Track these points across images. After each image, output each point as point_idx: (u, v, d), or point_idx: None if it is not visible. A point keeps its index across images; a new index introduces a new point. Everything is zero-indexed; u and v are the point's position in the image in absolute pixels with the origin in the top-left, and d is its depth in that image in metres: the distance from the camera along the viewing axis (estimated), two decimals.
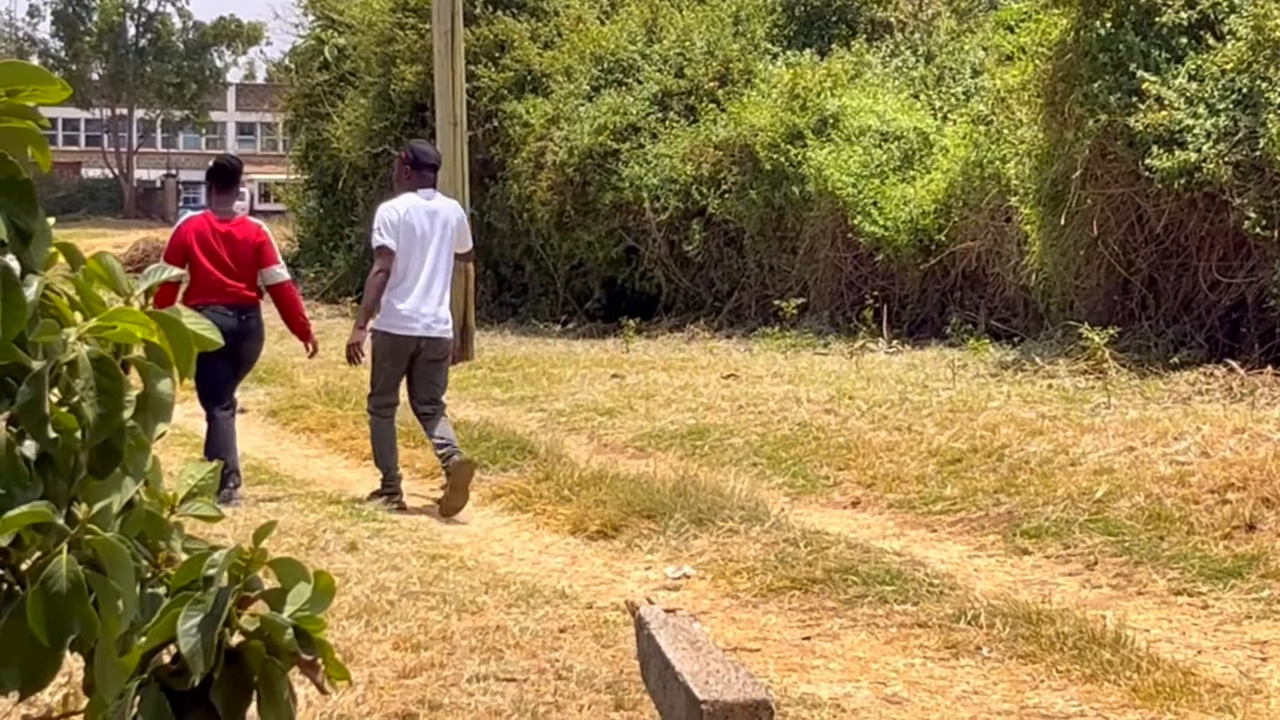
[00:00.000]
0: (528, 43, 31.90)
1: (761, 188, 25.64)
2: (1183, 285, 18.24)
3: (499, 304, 32.00)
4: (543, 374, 20.25)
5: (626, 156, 28.12)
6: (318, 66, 39.31)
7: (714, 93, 28.26)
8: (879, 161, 24.29)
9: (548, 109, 30.23)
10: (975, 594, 10.04)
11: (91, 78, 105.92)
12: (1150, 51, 18.01)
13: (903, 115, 25.04)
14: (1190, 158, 17.13)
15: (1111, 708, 8.10)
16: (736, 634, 9.59)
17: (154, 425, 3.24)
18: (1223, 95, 17.38)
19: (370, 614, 9.41)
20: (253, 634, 3.31)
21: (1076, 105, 18.39)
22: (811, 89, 26.05)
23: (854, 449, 14.25)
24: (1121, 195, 18.11)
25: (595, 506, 12.52)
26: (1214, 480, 11.75)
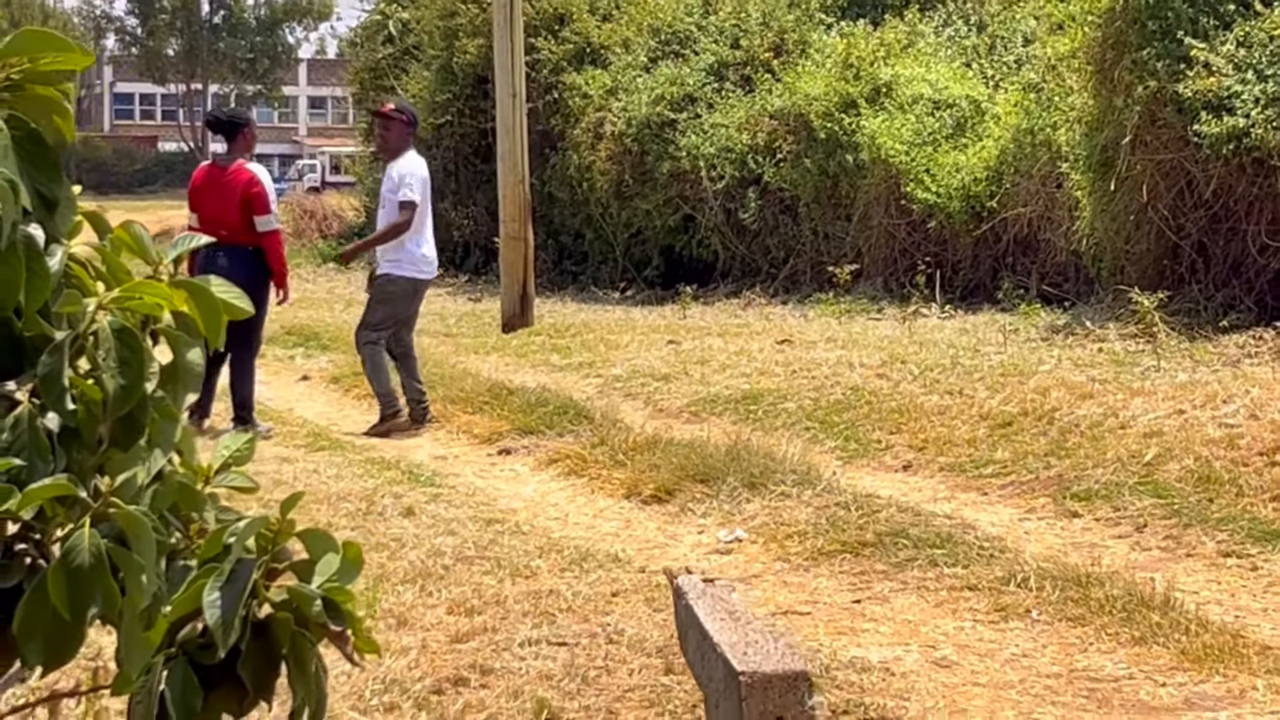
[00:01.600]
0: (586, 15, 31.84)
1: (816, 156, 25.53)
2: (1232, 250, 18.08)
3: (560, 272, 31.99)
4: (600, 340, 20.12)
5: (684, 126, 28.06)
6: (382, 40, 39.36)
7: (769, 63, 28.15)
8: (931, 129, 24.17)
9: (606, 80, 30.17)
10: (1025, 557, 9.91)
11: (167, 54, 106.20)
12: (1198, 18, 17.84)
13: (955, 84, 24.90)
14: (1239, 123, 16.98)
15: (1160, 670, 7.96)
16: (787, 597, 9.47)
17: (183, 396, 3.15)
18: (1271, 61, 17.23)
19: (425, 579, 9.30)
20: (280, 605, 3.19)
21: (1126, 72, 18.22)
22: (865, 58, 25.94)
23: (905, 413, 14.11)
24: (1171, 161, 17.94)
25: (649, 471, 12.39)
26: (1263, 442, 11.61)
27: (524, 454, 13.96)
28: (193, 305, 3.10)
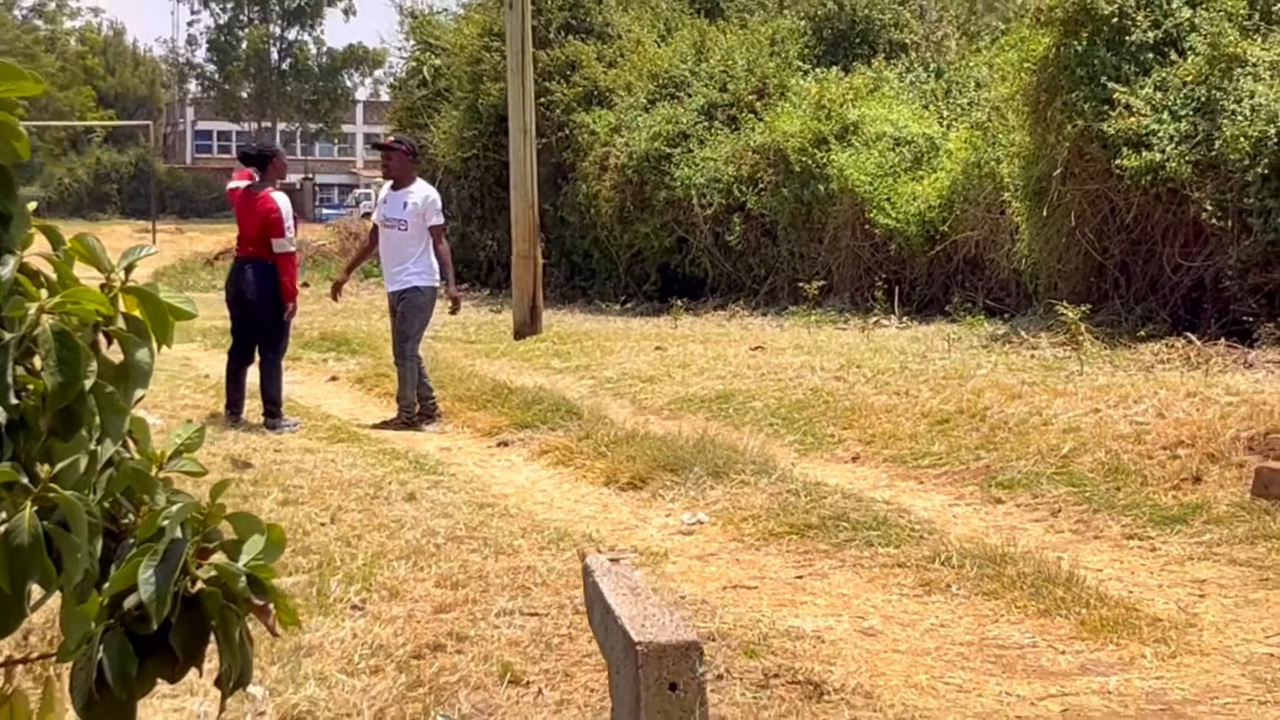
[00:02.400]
0: (594, 63, 31.79)
1: (792, 186, 25.51)
2: (1149, 269, 18.11)
3: (570, 286, 31.94)
4: (597, 347, 20.05)
5: (678, 159, 28.04)
6: (417, 84, 39.35)
7: (752, 104, 28.13)
8: (892, 163, 24.19)
9: (611, 119, 30.14)
10: (950, 538, 9.87)
11: (241, 96, 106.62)
12: (1121, 65, 17.90)
13: (914, 123, 24.89)
14: (1155, 158, 17.02)
15: (1061, 639, 7.92)
16: (738, 573, 9.42)
17: (133, 391, 3.09)
18: (1184, 103, 17.24)
19: (418, 555, 9.22)
20: (209, 582, 3.10)
21: (1057, 113, 18.27)
22: (836, 100, 25.93)
23: (857, 411, 14.04)
24: (1096, 191, 17.97)
25: (626, 461, 12.34)
26: (1167, 438, 11.55)
27: (519, 446, 13.89)
28: (143, 309, 3.08)
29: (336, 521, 10.18)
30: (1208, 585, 9.01)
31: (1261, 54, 17.11)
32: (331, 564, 8.97)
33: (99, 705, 3.00)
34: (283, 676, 7.10)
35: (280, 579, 8.70)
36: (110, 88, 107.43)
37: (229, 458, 12.16)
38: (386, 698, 6.77)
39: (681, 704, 3.86)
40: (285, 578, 8.75)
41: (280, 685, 6.97)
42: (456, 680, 6.88)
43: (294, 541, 9.58)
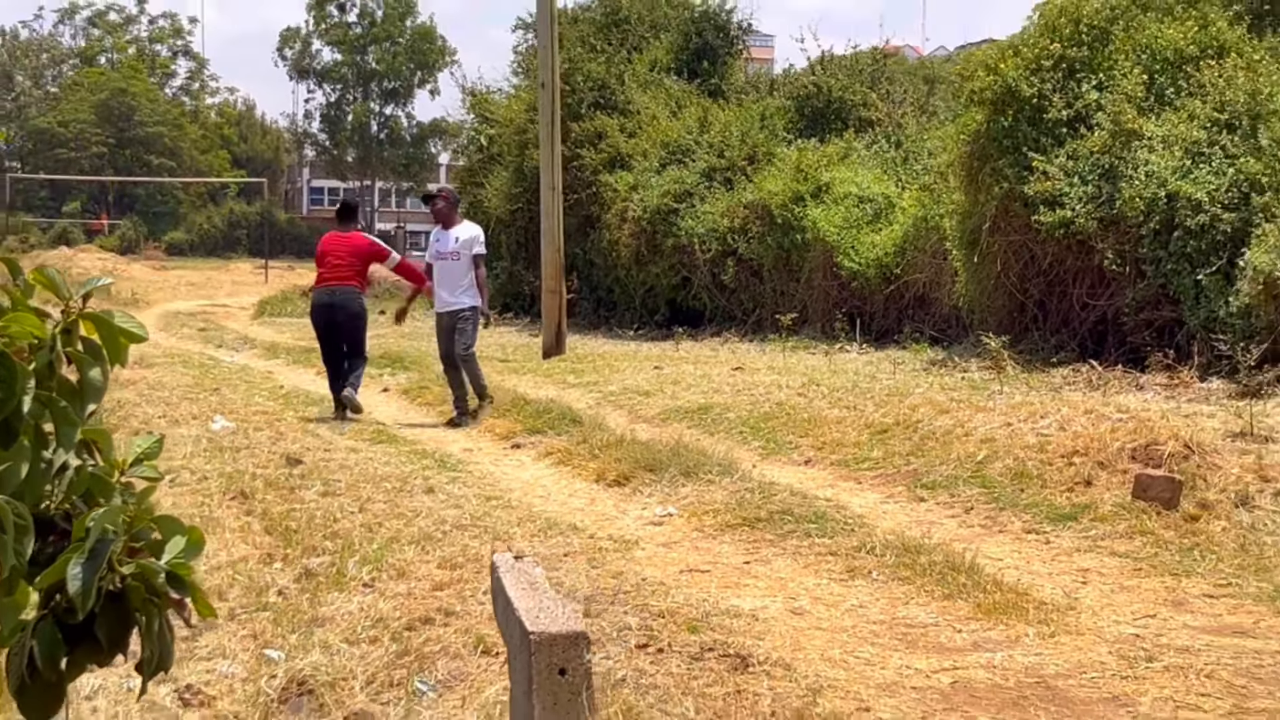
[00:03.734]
0: (617, 133, 31.60)
1: (775, 235, 25.30)
2: (1062, 306, 17.90)
3: (596, 316, 31.78)
4: (607, 366, 19.78)
5: (683, 213, 27.85)
6: (475, 150, 39.41)
7: (744, 169, 27.89)
8: (856, 217, 23.98)
9: (630, 179, 29.94)
10: (877, 531, 9.63)
11: (347, 159, 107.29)
12: (1039, 138, 17.75)
13: (874, 185, 24.66)
14: (1067, 215, 16.86)
15: (959, 619, 7.66)
16: (696, 559, 9.14)
17: (87, 405, 2.91)
18: (1090, 170, 17.06)
19: (427, 541, 8.94)
20: (133, 577, 2.88)
21: (987, 177, 18.08)
22: (811, 165, 25.71)
23: (813, 422, 13.74)
24: (1019, 242, 17.77)
25: (614, 462, 12.07)
26: (1065, 448, 11.27)
27: (529, 448, 13.61)
28: (99, 333, 2.91)
29: (363, 511, 9.91)
30: (1090, 574, 8.76)
31: (1155, 130, 16.90)
32: (351, 547, 8.69)
33: (31, 689, 2.85)
34: (296, 644, 6.85)
35: (307, 560, 8.49)
36: (242, 152, 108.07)
37: (285, 456, 11.89)
38: (378, 664, 6.52)
39: (570, 686, 3.63)
40: (312, 559, 8.48)
41: (294, 651, 6.73)
42: (439, 650, 6.63)
43: (324, 527, 9.34)
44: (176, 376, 18.07)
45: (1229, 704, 6.29)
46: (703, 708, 5.91)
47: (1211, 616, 7.80)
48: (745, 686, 6.23)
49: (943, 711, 6.16)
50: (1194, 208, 15.74)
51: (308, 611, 7.42)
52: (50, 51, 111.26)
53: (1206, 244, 15.63)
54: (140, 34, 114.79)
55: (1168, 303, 16.15)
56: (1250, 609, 7.92)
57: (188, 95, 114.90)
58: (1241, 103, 16.61)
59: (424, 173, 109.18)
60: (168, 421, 13.63)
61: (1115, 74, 17.87)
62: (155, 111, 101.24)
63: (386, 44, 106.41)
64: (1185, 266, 15.76)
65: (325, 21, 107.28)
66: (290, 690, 6.28)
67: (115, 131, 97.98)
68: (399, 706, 5.94)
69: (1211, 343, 14.67)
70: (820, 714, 5.93)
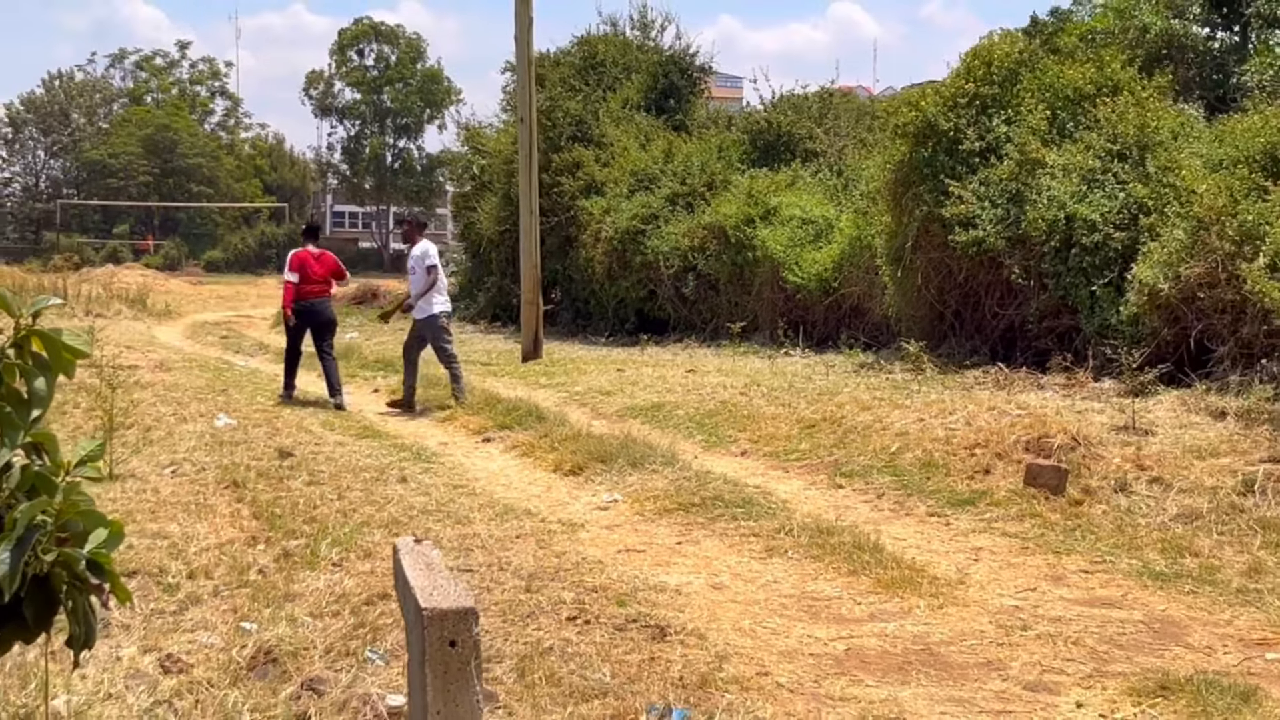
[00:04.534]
0: (592, 163, 31.43)
1: (730, 253, 25.11)
2: (976, 315, 17.76)
3: (575, 325, 31.57)
4: (576, 369, 19.64)
5: (649, 234, 27.65)
6: (469, 178, 39.32)
7: (704, 194, 27.70)
8: (800, 237, 23.78)
9: (603, 204, 29.74)
10: (796, 515, 9.58)
11: (364, 186, 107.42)
12: (955, 166, 17.59)
13: (817, 208, 24.47)
14: (979, 235, 16.69)
15: (860, 593, 7.60)
16: (634, 539, 9.07)
17: (33, 412, 2.93)
18: (1000, 195, 16.92)
19: (394, 525, 8.86)
20: (58, 564, 2.88)
21: (910, 201, 17.94)
22: (762, 191, 25.55)
23: (751, 418, 13.64)
24: (937, 258, 17.62)
25: (570, 454, 11.97)
26: (968, 441, 11.22)
27: (498, 442, 13.47)
28: (46, 349, 2.93)
29: (342, 498, 9.81)
30: (982, 552, 8.71)
31: (1056, 159, 16.81)
32: (326, 530, 8.60)
33: None
34: (268, 617, 6.77)
35: (287, 542, 8.39)
36: (273, 180, 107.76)
37: (278, 449, 11.77)
38: (336, 635, 6.44)
39: (459, 657, 3.57)
40: (291, 541, 8.39)
41: (265, 624, 6.64)
42: (391, 623, 6.53)
43: (305, 513, 9.24)
44: (191, 379, 17.94)
45: (1090, 667, 6.23)
46: (618, 673, 5.84)
47: (1085, 590, 7.74)
48: (660, 654, 6.16)
49: (834, 675, 6.09)
50: (1089, 228, 15.69)
51: (282, 588, 7.33)
52: (102, 92, 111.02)
53: (1100, 260, 15.57)
54: (182, 76, 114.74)
55: (1067, 312, 16.07)
56: (1120, 583, 7.87)
57: (224, 130, 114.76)
58: (1132, 135, 16.57)
59: (433, 198, 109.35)
60: (176, 419, 13.51)
61: (1022, 110, 17.78)
62: (195, 145, 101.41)
63: (400, 85, 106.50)
64: (1082, 280, 15.70)
65: (346, 65, 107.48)
66: (258, 659, 6.20)
67: (160, 162, 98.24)
68: (349, 673, 5.85)
69: (1104, 347, 14.59)
70: (724, 678, 5.85)
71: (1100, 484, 9.86)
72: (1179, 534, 8.74)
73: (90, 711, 5.46)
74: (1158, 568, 8.14)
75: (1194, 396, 12.63)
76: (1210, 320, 13.67)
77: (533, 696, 5.45)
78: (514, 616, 6.66)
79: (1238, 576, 7.88)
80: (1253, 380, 12.48)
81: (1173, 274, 14.05)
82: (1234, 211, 13.63)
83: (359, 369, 19.98)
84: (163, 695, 5.73)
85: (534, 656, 5.95)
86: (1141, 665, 6.25)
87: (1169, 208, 15.03)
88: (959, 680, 6.05)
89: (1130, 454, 10.33)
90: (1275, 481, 9.26)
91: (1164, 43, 23.69)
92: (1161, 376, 13.22)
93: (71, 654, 3.07)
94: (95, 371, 13.36)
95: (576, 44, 36.13)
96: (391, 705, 5.39)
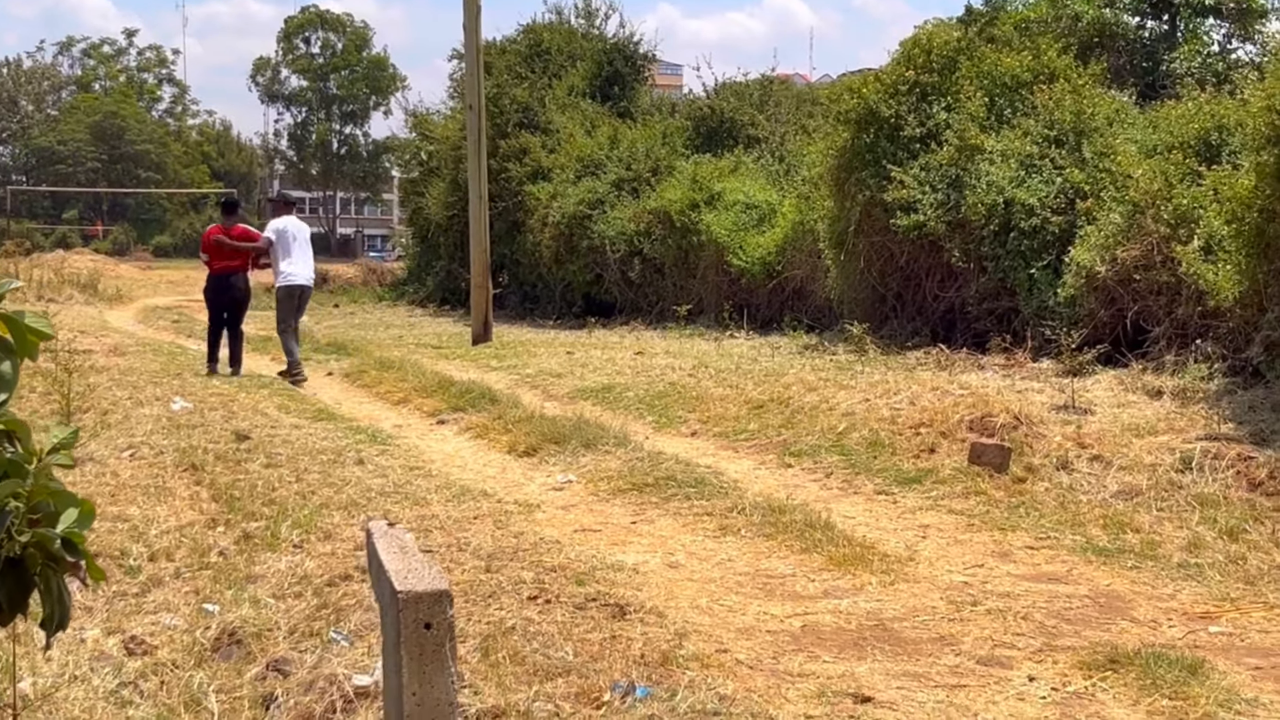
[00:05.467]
0: (539, 149, 31.38)
1: (675, 237, 25.15)
2: (917, 297, 17.87)
3: (523, 308, 31.54)
4: (526, 351, 19.58)
5: (596, 219, 27.64)
6: (417, 164, 39.22)
7: (649, 179, 27.67)
8: (744, 222, 23.82)
9: (550, 189, 29.71)
10: (748, 494, 9.57)
11: (311, 172, 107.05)
12: (896, 152, 17.66)
13: (760, 193, 24.49)
14: (920, 219, 16.80)
15: (813, 570, 7.60)
16: (589, 519, 9.04)
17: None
18: (940, 180, 17.03)
19: (353, 507, 8.76)
20: (32, 544, 2.81)
21: (852, 186, 18.00)
22: (706, 177, 25.55)
23: (700, 399, 13.63)
24: (879, 242, 17.69)
25: (524, 435, 11.90)
26: (913, 420, 11.26)
27: (453, 424, 13.38)
28: (10, 331, 2.84)
29: (300, 480, 9.70)
30: (930, 529, 8.73)
31: (995, 145, 16.90)
32: (286, 513, 8.51)
33: None
34: (231, 599, 6.70)
35: (247, 524, 8.31)
36: (221, 166, 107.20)
37: (234, 432, 11.65)
38: (299, 616, 6.37)
39: (434, 638, 3.55)
40: (251, 523, 8.31)
41: (228, 605, 6.57)
42: (354, 603, 6.46)
43: (264, 495, 9.15)
44: (146, 363, 17.73)
45: (1040, 642, 6.25)
46: (581, 651, 5.80)
47: (1031, 566, 7.78)
48: (621, 632, 6.13)
49: (791, 651, 6.09)
50: (1027, 212, 15.78)
51: (244, 570, 7.26)
52: (50, 79, 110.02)
53: (1038, 243, 15.66)
54: (129, 64, 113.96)
55: (1006, 294, 16.16)
56: (1065, 559, 7.91)
57: (171, 117, 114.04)
58: (1068, 121, 16.67)
59: (379, 184, 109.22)
60: (133, 402, 13.34)
61: (961, 97, 17.85)
62: (143, 131, 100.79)
63: (345, 72, 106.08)
64: (1020, 263, 15.79)
65: (293, 53, 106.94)
66: (222, 640, 6.13)
67: (108, 149, 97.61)
68: (314, 654, 5.79)
69: (1042, 328, 14.69)
70: (684, 655, 5.83)
71: (1042, 462, 9.90)
72: (1120, 510, 8.79)
73: (57, 694, 5.38)
74: (1100, 543, 8.18)
75: (1131, 376, 12.73)
76: (1146, 301, 13.78)
77: (498, 675, 5.41)
78: (475, 596, 6.61)
79: (1178, 551, 7.94)
80: (1188, 360, 12.58)
81: (1109, 257, 14.15)
82: (1169, 196, 13.74)
83: (312, 352, 19.79)
84: (128, 677, 5.66)
85: (497, 636, 5.91)
86: (1090, 639, 6.27)
87: (1105, 192, 15.13)
88: (913, 655, 6.05)
89: (1071, 432, 10.38)
90: (1212, 459, 9.33)
91: (1096, 31, 23.82)
92: (1099, 357, 13.32)
93: (36, 637, 3.03)
94: (51, 356, 13.19)
95: (523, 32, 36.08)
96: (358, 685, 5.34)
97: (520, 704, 5.10)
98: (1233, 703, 5.40)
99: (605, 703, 5.17)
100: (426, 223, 36.94)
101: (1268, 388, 11.19)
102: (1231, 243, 12.03)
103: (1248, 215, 11.32)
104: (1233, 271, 11.93)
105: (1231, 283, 11.92)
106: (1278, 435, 9.74)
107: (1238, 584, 7.30)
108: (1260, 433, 9.86)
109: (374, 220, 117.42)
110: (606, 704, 5.16)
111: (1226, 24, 25.31)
